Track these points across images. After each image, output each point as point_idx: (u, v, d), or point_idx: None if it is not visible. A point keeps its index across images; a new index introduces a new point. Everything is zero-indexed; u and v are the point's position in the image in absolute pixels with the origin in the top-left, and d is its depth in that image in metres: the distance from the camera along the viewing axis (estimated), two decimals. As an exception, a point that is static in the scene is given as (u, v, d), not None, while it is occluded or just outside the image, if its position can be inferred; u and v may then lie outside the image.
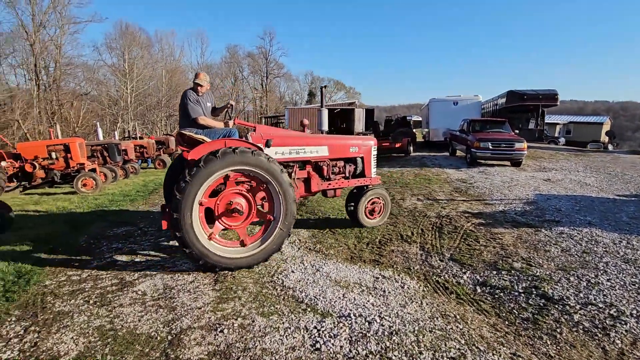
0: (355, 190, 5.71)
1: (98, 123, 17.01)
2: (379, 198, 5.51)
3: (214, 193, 4.01)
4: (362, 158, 5.43)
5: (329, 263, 4.26)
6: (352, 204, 5.59)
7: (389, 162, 14.69)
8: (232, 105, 4.92)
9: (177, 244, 4.30)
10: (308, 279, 3.80)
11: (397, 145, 16.70)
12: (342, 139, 5.39)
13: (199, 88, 4.60)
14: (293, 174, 4.78)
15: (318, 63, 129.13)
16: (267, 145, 4.35)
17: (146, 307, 3.22)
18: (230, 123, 4.76)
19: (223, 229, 4.13)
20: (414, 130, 21.77)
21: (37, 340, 2.72)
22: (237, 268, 3.91)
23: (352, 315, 3.06)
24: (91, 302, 3.33)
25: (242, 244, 4.01)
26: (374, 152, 5.54)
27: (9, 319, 3.05)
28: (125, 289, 3.59)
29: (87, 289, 3.59)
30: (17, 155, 10.61)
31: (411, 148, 17.51)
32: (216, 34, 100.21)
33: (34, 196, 9.48)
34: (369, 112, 55.27)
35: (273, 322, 2.95)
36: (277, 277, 3.86)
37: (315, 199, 7.61)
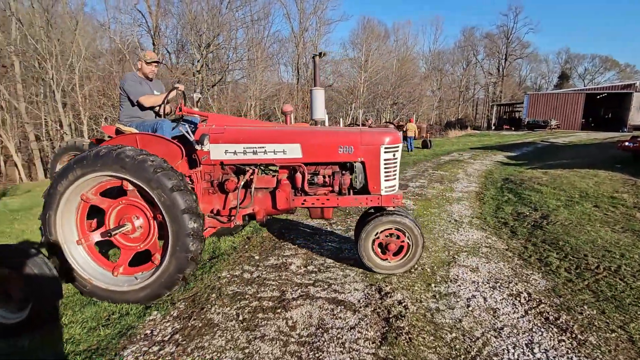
0: (371, 211, 3.81)
1: (325, 110, 18.89)
2: (399, 230, 3.44)
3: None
4: (362, 163, 3.44)
5: (589, 367, 2.31)
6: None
7: None
8: (176, 88, 3.78)
9: (358, 255, 3.53)
10: (541, 397, 2.07)
11: None
12: (325, 134, 3.60)
13: (138, 72, 4.00)
14: (251, 183, 3.44)
15: (577, 38, 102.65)
16: (201, 141, 3.25)
17: (285, 353, 2.44)
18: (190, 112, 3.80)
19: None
20: None
21: (170, 359, 2.38)
22: (108, 300, 3.14)
23: None
24: (240, 318, 2.86)
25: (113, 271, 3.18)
26: (388, 155, 3.44)
27: (171, 313, 2.94)
28: (279, 310, 2.96)
29: (246, 296, 3.20)
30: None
31: None
32: (453, 19, 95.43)
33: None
34: (662, 97, 39.32)
35: None
36: (481, 367, 2.31)
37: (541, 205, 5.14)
